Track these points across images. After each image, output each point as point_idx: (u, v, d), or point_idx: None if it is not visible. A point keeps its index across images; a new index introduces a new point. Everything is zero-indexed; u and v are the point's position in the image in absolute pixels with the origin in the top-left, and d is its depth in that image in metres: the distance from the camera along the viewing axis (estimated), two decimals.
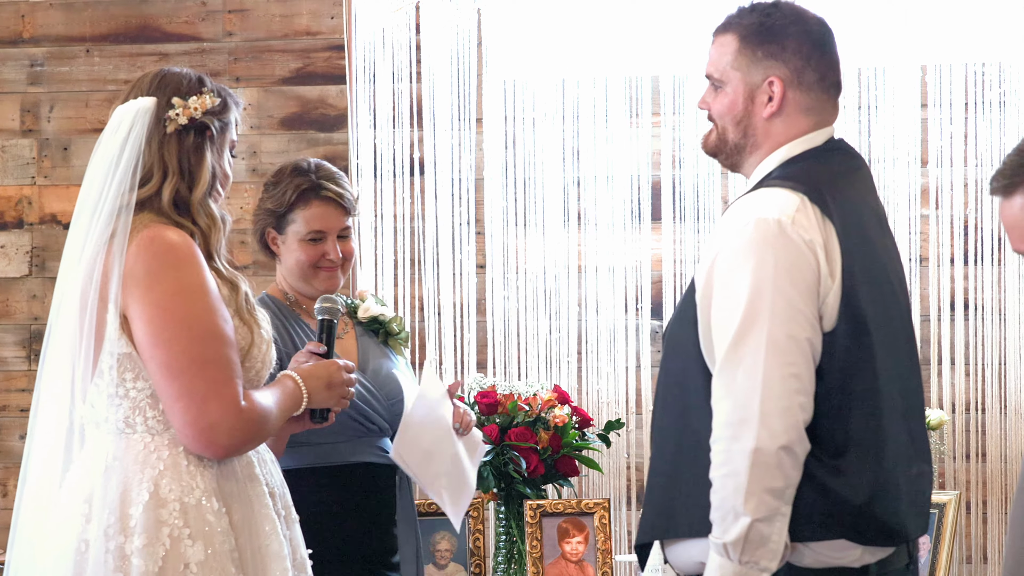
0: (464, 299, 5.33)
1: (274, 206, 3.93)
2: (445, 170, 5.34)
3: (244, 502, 3.09)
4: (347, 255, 3.95)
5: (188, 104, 3.13)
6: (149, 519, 3.00)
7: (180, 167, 3.12)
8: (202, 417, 3.00)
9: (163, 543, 2.99)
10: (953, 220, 5.20)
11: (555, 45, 5.29)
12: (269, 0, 5.49)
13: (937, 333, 5.18)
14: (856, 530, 2.85)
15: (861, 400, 2.86)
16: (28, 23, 5.56)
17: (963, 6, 5.15)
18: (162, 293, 3.01)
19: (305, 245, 3.90)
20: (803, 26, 3.00)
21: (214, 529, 3.01)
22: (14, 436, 5.56)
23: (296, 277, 3.95)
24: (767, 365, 2.78)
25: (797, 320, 2.80)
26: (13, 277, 5.56)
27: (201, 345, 3.01)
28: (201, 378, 3.00)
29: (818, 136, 3.00)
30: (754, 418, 2.77)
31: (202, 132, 3.15)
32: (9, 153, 5.55)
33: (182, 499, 3.02)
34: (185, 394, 3.00)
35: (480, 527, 4.73)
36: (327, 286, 3.90)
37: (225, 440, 3.01)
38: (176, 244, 3.05)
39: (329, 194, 3.90)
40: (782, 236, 2.82)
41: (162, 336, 3.01)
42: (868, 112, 5.21)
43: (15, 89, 5.56)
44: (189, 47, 5.51)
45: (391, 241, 5.35)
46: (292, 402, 3.20)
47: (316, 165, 3.96)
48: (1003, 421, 5.15)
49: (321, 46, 5.47)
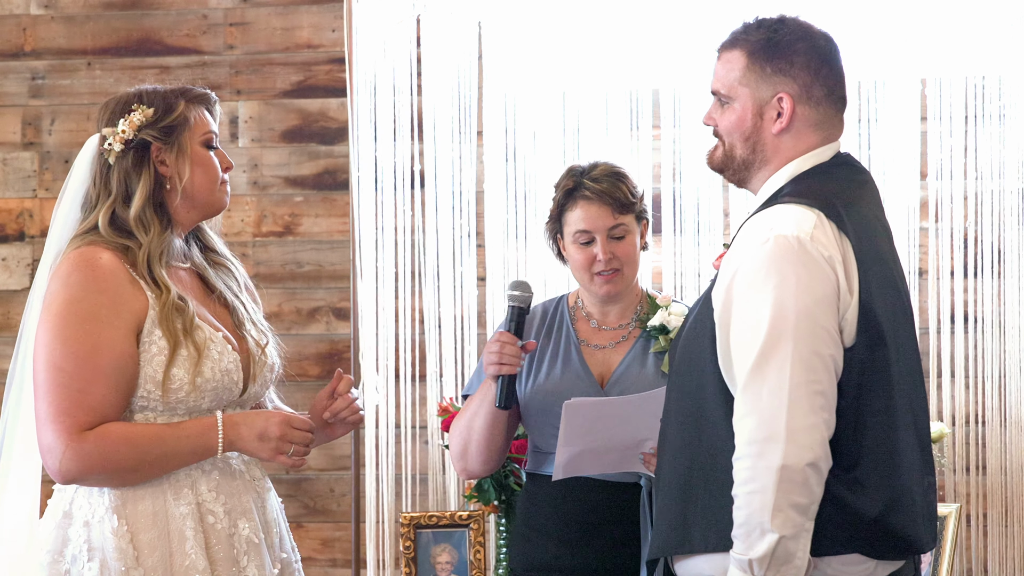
0: (465, 311, 5.32)
1: (552, 211, 3.88)
2: (446, 183, 5.34)
3: (160, 519, 3.11)
4: (623, 257, 3.80)
5: (117, 130, 3.18)
6: (58, 536, 3.10)
7: (118, 189, 3.19)
8: (42, 439, 3.06)
9: (66, 561, 3.07)
10: (953, 233, 5.19)
11: (555, 58, 5.28)
12: (270, 13, 5.50)
13: (937, 345, 5.17)
14: (871, 544, 2.85)
15: (876, 414, 2.86)
16: (30, 36, 5.57)
17: (963, 20, 5.14)
18: (48, 313, 3.09)
19: (577, 248, 3.81)
20: (811, 41, 3.00)
21: (111, 547, 3.05)
22: None
23: (580, 284, 3.88)
24: (793, 383, 2.78)
25: (821, 337, 2.80)
26: (14, 289, 5.57)
27: (55, 371, 3.04)
28: (46, 401, 3.05)
29: (826, 151, 3.01)
30: (781, 435, 2.77)
31: (144, 148, 3.19)
32: (10, 166, 5.56)
33: (87, 517, 3.09)
34: (38, 417, 3.07)
35: (481, 539, 4.73)
36: (604, 291, 3.80)
37: (63, 465, 3.03)
38: (84, 265, 3.10)
39: (589, 192, 3.79)
40: (803, 253, 2.82)
41: (34, 356, 3.09)
42: (868, 125, 5.20)
43: (16, 102, 5.57)
44: (190, 60, 5.52)
45: (392, 253, 5.34)
46: (198, 442, 3.14)
47: (591, 164, 3.88)
48: (1003, 433, 5.14)
49: (322, 59, 5.49)
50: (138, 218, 3.16)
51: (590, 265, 3.79)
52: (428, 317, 5.32)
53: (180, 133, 3.21)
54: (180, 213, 3.24)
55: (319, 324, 5.48)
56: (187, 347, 3.12)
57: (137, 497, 3.09)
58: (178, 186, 3.20)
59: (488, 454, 3.81)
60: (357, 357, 5.26)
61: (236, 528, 3.17)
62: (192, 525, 3.11)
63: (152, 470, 3.11)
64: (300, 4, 5.50)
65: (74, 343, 3.04)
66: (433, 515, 4.89)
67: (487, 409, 3.75)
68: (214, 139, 3.27)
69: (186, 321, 3.13)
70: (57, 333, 3.05)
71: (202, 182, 3.23)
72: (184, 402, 3.13)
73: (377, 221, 5.35)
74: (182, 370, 3.11)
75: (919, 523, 2.91)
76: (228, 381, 3.18)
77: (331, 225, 5.49)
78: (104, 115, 3.24)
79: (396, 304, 5.35)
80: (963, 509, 5.03)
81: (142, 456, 3.08)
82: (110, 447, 3.05)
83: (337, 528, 5.47)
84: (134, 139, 3.18)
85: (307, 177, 5.50)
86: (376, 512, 5.28)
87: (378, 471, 5.29)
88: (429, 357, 5.32)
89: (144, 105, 3.20)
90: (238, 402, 3.25)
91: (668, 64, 5.24)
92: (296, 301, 5.45)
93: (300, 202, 5.50)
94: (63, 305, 3.06)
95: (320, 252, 5.49)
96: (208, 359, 3.14)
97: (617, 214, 3.80)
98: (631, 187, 3.85)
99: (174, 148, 3.20)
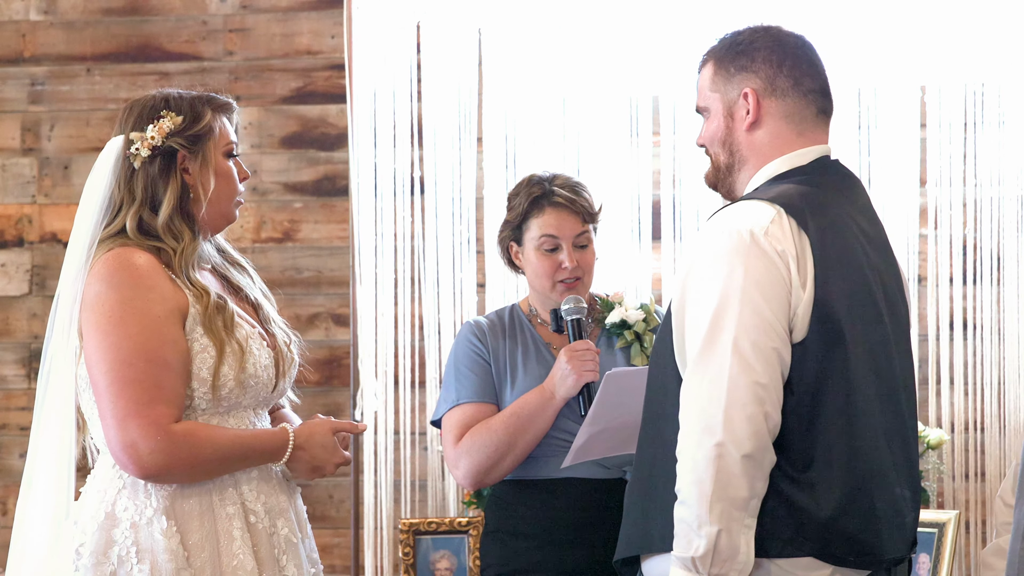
0: (464, 317, 5.32)
1: (511, 218, 3.95)
2: (445, 189, 5.35)
3: (208, 520, 3.11)
4: (584, 266, 3.90)
5: (146, 136, 3.17)
6: (100, 539, 3.07)
7: (144, 195, 3.17)
8: (123, 435, 3.03)
9: (111, 562, 3.06)
10: (952, 240, 5.20)
11: (555, 65, 5.29)
12: (270, 19, 5.51)
13: (936, 353, 5.18)
14: (823, 547, 2.82)
15: (832, 415, 2.84)
16: (29, 42, 5.58)
17: (962, 28, 5.15)
18: (100, 315, 3.06)
19: (541, 255, 3.89)
20: (773, 37, 3.03)
21: (161, 548, 3.04)
22: (14, 455, 5.57)
23: (536, 292, 3.95)
24: (732, 373, 2.77)
25: (764, 330, 2.79)
26: (13, 296, 5.57)
27: (127, 367, 3.03)
28: (121, 399, 3.03)
29: (806, 154, 3.00)
30: (718, 426, 2.76)
31: (171, 156, 3.18)
32: (10, 172, 5.57)
33: (134, 519, 3.07)
34: (108, 413, 3.05)
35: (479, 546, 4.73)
36: (564, 300, 3.87)
37: (148, 460, 3.03)
38: (126, 265, 3.09)
39: (561, 199, 3.88)
40: (754, 246, 2.82)
41: (93, 358, 3.07)
42: (868, 132, 5.22)
43: (16, 108, 5.58)
44: (190, 66, 5.53)
45: (391, 259, 5.35)
46: (269, 455, 3.19)
47: (553, 175, 3.96)
48: (1002, 440, 5.15)
49: (322, 65, 5.49)
50: (167, 226, 3.16)
51: (554, 272, 3.88)
52: (427, 323, 5.33)
53: (205, 142, 3.20)
54: (203, 221, 3.23)
55: (318, 330, 5.48)
56: (231, 345, 3.13)
57: (184, 498, 3.09)
58: (202, 196, 3.19)
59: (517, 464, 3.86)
60: (356, 363, 5.27)
61: (275, 528, 3.18)
62: (239, 525, 3.12)
63: (222, 472, 3.14)
64: (300, 10, 5.51)
65: (137, 339, 3.03)
66: (432, 521, 4.89)
67: (545, 421, 3.81)
68: (235, 149, 3.27)
69: (226, 319, 3.14)
70: (117, 331, 3.04)
71: (223, 194, 3.23)
72: (227, 399, 3.15)
73: (376, 227, 5.35)
74: (227, 367, 3.12)
75: (880, 531, 2.87)
76: (266, 377, 3.19)
77: (331, 231, 5.50)
78: (129, 118, 3.21)
79: (395, 310, 5.35)
80: (962, 516, 5.04)
81: (223, 458, 3.11)
82: (197, 446, 3.06)
83: (336, 534, 5.47)
84: (162, 146, 3.17)
85: (307, 183, 5.51)
86: (375, 518, 5.28)
87: (377, 477, 5.29)
88: (428, 363, 5.33)
89: (173, 112, 3.18)
90: (268, 399, 3.26)
91: (667, 71, 5.25)
92: (295, 307, 5.46)
93: (300, 208, 5.50)
94: (116, 304, 3.05)
95: (319, 258, 5.50)
96: (250, 356, 3.15)
97: (584, 222, 3.90)
98: (591, 198, 3.96)
99: (199, 157, 3.19)
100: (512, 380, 3.90)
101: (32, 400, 5.39)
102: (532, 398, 3.82)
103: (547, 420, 3.79)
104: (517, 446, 3.81)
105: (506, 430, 3.81)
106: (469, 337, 3.96)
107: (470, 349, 3.94)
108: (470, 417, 3.87)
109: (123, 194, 3.18)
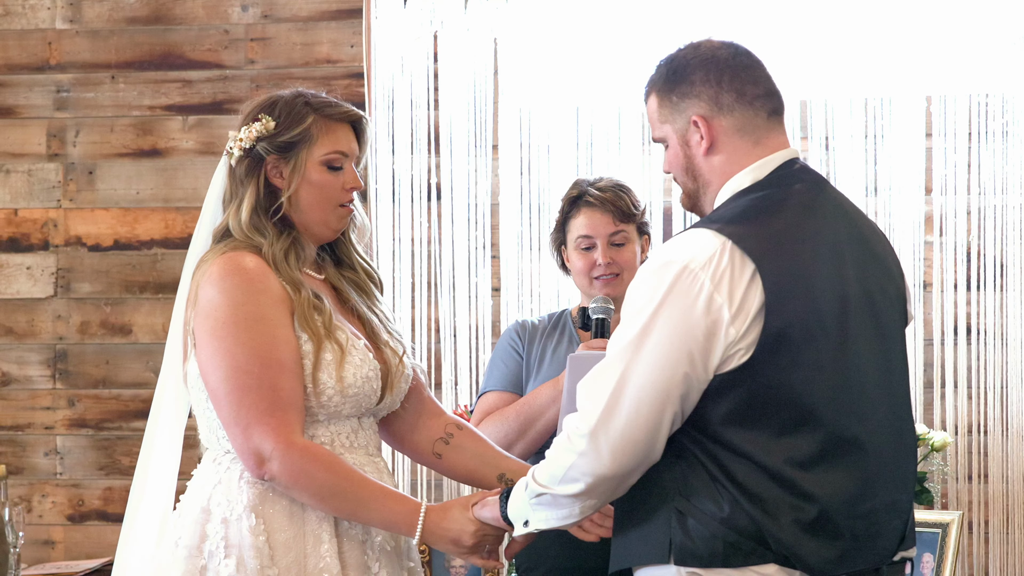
0: (479, 321, 5.35)
1: (557, 220, 4.04)
2: (462, 195, 5.38)
3: (297, 521, 3.08)
4: (622, 263, 3.94)
5: (240, 136, 3.18)
6: (195, 532, 3.06)
7: (237, 193, 3.18)
8: (249, 443, 3.02)
9: (203, 556, 3.05)
10: (957, 247, 5.21)
11: (569, 73, 5.31)
12: (291, 29, 5.53)
13: (941, 357, 5.20)
14: (785, 560, 2.77)
15: (790, 429, 2.78)
16: (55, 50, 5.61)
17: (967, 39, 5.16)
18: (214, 321, 3.05)
19: (579, 254, 3.96)
20: (704, 55, 2.96)
21: (248, 544, 3.03)
22: (39, 453, 5.59)
23: (582, 292, 4.02)
24: (638, 398, 2.76)
25: (671, 359, 2.75)
26: (39, 298, 5.60)
27: (241, 374, 3.01)
28: (240, 406, 3.02)
29: (767, 163, 2.91)
30: (604, 447, 2.77)
31: (258, 160, 3.18)
32: (35, 176, 5.58)
33: (225, 514, 3.06)
34: (232, 422, 3.04)
35: None
36: (603, 295, 3.91)
37: (277, 467, 3.01)
38: (237, 269, 3.07)
39: (593, 199, 3.95)
40: (683, 281, 2.76)
41: (209, 365, 3.06)
42: (874, 141, 5.22)
43: (42, 114, 5.59)
44: (212, 74, 5.54)
45: (408, 264, 5.38)
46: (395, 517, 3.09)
47: (597, 178, 4.03)
48: (1005, 443, 5.17)
49: (341, 74, 5.50)
50: (250, 225, 3.14)
51: (590, 270, 3.95)
52: (444, 327, 5.36)
53: (299, 149, 3.15)
54: (302, 227, 3.19)
55: None
56: (330, 345, 3.08)
57: (275, 497, 3.06)
58: (290, 202, 3.15)
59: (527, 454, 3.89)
60: None
61: (369, 535, 3.13)
62: (328, 529, 3.07)
63: (339, 508, 3.07)
64: (320, 20, 5.51)
65: (253, 344, 3.01)
66: None
67: (555, 413, 3.82)
68: (340, 160, 3.19)
69: (325, 319, 3.09)
70: (232, 337, 3.02)
71: (311, 202, 3.16)
72: (326, 407, 3.10)
73: (394, 232, 5.38)
74: (325, 373, 3.07)
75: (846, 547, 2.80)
76: (368, 389, 3.13)
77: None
78: (241, 117, 3.21)
79: (412, 314, 5.38)
80: (965, 517, 4.99)
81: (338, 490, 3.04)
82: (327, 458, 3.03)
83: None
84: (251, 148, 3.16)
85: None
86: None
87: (394, 477, 5.32)
88: (444, 366, 5.36)
89: (269, 116, 3.15)
90: (373, 411, 3.21)
91: None
92: None
93: None
94: (229, 310, 3.03)
95: None
96: (350, 364, 3.09)
97: (618, 222, 3.95)
98: (634, 199, 3.99)
99: (290, 163, 3.15)
100: (537, 372, 3.98)
101: (56, 400, 5.52)
102: (545, 390, 3.88)
103: (557, 412, 3.81)
104: (527, 434, 3.87)
105: (516, 417, 3.88)
106: (510, 332, 4.06)
107: (508, 343, 4.04)
108: (491, 404, 3.96)
109: (229, 190, 3.19)
